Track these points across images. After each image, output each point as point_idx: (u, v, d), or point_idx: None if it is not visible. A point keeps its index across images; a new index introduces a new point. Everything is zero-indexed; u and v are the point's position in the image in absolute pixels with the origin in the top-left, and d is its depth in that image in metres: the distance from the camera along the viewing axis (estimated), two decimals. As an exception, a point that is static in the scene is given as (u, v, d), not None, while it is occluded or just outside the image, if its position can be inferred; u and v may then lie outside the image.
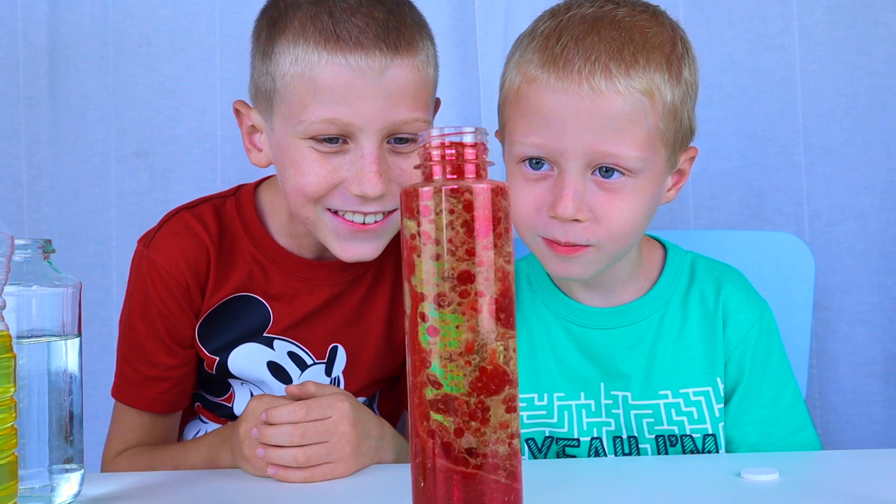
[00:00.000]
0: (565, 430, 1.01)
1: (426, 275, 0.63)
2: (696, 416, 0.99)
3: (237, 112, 1.04)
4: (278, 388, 1.07)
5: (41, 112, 1.51)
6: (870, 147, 1.42)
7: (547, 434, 1.02)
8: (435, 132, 0.66)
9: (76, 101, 1.51)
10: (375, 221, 0.97)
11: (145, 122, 1.52)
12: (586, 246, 0.94)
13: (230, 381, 1.09)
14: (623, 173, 0.91)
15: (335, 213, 0.97)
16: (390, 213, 0.98)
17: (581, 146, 0.90)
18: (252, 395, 1.08)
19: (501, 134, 1.02)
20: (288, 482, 0.87)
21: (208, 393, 1.12)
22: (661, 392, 1.00)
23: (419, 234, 0.64)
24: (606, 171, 0.92)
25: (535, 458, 1.02)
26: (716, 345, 1.01)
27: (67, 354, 0.79)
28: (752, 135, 1.45)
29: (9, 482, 0.68)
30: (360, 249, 0.98)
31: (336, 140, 0.94)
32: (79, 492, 0.80)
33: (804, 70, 1.44)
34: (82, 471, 0.80)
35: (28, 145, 1.52)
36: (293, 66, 0.93)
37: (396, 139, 0.96)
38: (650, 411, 1.00)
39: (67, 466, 0.78)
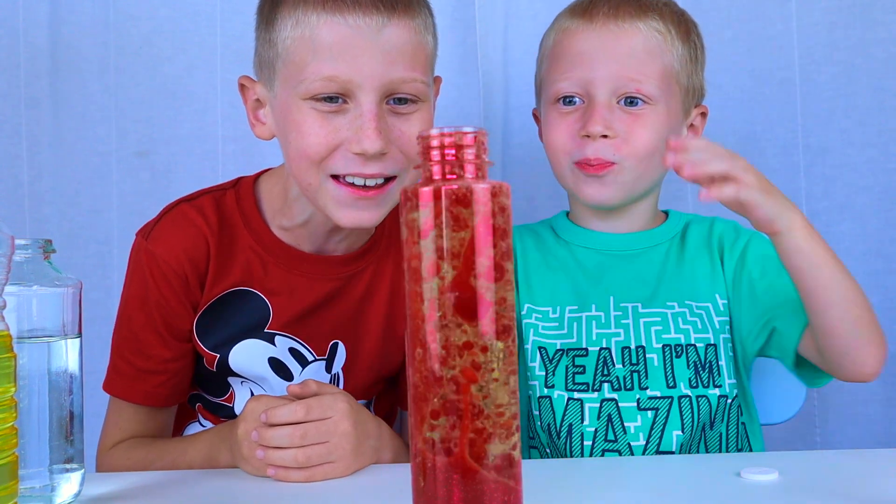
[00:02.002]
0: (574, 339, 1.07)
1: (426, 274, 0.64)
2: (699, 326, 1.06)
3: (242, 87, 1.06)
4: (279, 384, 1.07)
5: (42, 112, 1.51)
6: (868, 148, 1.43)
7: (558, 347, 1.07)
8: (435, 132, 0.66)
9: (77, 101, 1.51)
10: (376, 184, 0.98)
11: (146, 122, 1.52)
12: (613, 164, 1.06)
13: (229, 380, 1.09)
14: (645, 101, 1.06)
15: (337, 181, 0.98)
16: (391, 180, 0.99)
17: (609, 74, 1.06)
18: (253, 394, 1.08)
19: (538, 103, 1.17)
20: (288, 482, 0.87)
21: (208, 393, 1.12)
22: (668, 303, 1.08)
23: (419, 234, 0.64)
24: (631, 102, 1.06)
25: (545, 368, 1.07)
26: (714, 266, 1.10)
27: (68, 354, 0.79)
28: (751, 135, 1.45)
29: (9, 482, 0.68)
30: (360, 216, 0.99)
31: (336, 99, 0.96)
32: (79, 492, 0.80)
33: (803, 71, 1.44)
34: (83, 470, 0.80)
35: (29, 146, 1.52)
36: (294, 30, 0.96)
37: (396, 100, 0.97)
38: (658, 318, 1.07)
39: (68, 466, 0.78)
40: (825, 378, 1.05)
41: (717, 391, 1.04)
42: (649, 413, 1.03)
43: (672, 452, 1.02)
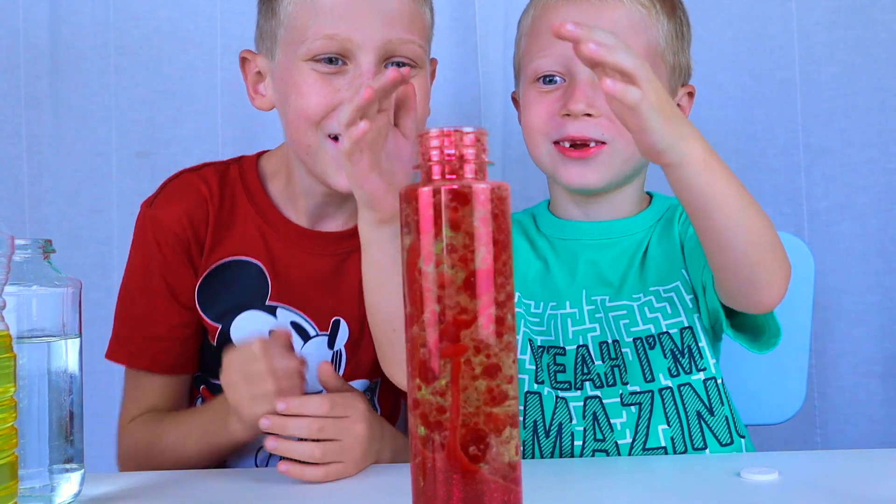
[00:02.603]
0: (553, 338, 1.04)
1: (425, 274, 0.63)
2: (669, 311, 1.02)
3: (243, 61, 1.09)
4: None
5: (42, 112, 1.51)
6: (869, 147, 1.43)
7: (539, 344, 1.05)
8: (434, 131, 0.66)
9: (77, 101, 1.51)
10: None
11: (146, 122, 1.52)
12: (600, 144, 1.00)
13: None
14: None
15: (336, 142, 0.98)
16: None
17: None
18: None
19: (517, 86, 1.11)
20: (301, 479, 0.86)
21: (210, 375, 1.12)
22: (634, 295, 1.03)
23: (419, 234, 0.64)
24: None
25: (535, 361, 1.04)
26: (673, 241, 1.04)
27: (67, 354, 0.79)
28: (752, 135, 1.45)
29: (9, 482, 0.68)
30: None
31: (336, 61, 0.98)
32: (79, 492, 0.80)
33: (803, 70, 1.44)
34: (82, 470, 0.80)
35: (29, 145, 1.52)
36: None
37: (395, 63, 0.99)
38: (624, 312, 1.03)
39: (68, 466, 0.78)
40: (767, 343, 0.98)
41: (701, 375, 1.01)
42: (633, 408, 1.00)
43: (662, 447, 0.99)
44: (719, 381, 1.02)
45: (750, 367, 1.21)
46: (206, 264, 1.07)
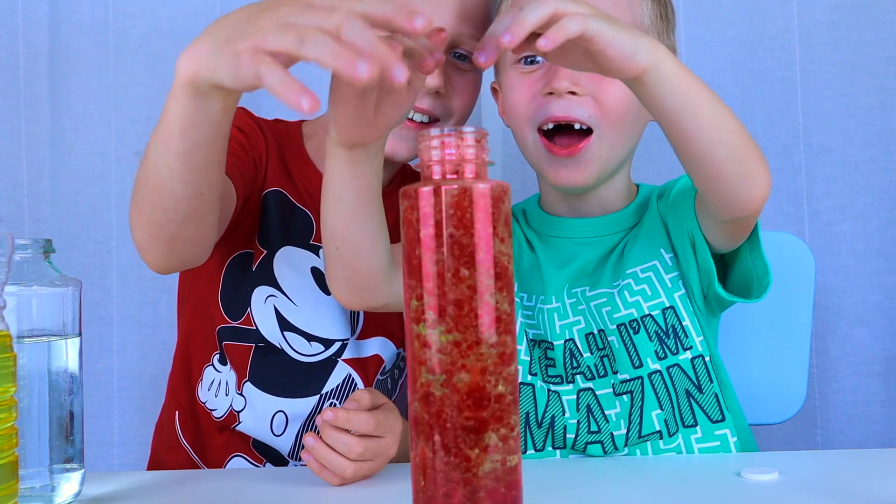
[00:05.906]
0: (542, 332, 1.04)
1: (426, 274, 0.63)
2: (649, 293, 1.01)
3: None
4: (314, 295, 1.10)
5: (41, 112, 1.51)
6: (870, 147, 1.42)
7: (531, 336, 1.04)
8: (434, 132, 0.66)
9: (76, 101, 1.52)
10: (422, 121, 1.05)
11: (145, 122, 1.52)
12: (586, 136, 0.98)
13: (254, 294, 1.09)
14: None
15: None
16: (434, 122, 1.06)
17: None
18: (276, 309, 1.09)
19: (497, 75, 1.09)
20: (316, 474, 0.86)
21: (228, 313, 1.11)
22: (613, 282, 1.02)
23: (419, 234, 0.64)
24: None
25: (530, 353, 1.04)
26: (654, 221, 1.03)
27: (68, 354, 0.79)
28: (752, 135, 1.44)
29: (9, 482, 0.68)
30: (395, 145, 1.04)
31: None
32: (79, 491, 0.80)
33: (804, 70, 1.44)
34: (83, 470, 0.80)
35: (28, 145, 1.52)
36: None
37: (457, 55, 1.05)
38: (605, 299, 1.01)
39: (68, 466, 0.78)
40: (760, 290, 0.97)
41: (688, 354, 0.99)
42: (625, 397, 0.99)
43: (657, 431, 0.98)
44: (707, 358, 1.00)
45: (750, 366, 1.21)
46: (264, 183, 1.10)
